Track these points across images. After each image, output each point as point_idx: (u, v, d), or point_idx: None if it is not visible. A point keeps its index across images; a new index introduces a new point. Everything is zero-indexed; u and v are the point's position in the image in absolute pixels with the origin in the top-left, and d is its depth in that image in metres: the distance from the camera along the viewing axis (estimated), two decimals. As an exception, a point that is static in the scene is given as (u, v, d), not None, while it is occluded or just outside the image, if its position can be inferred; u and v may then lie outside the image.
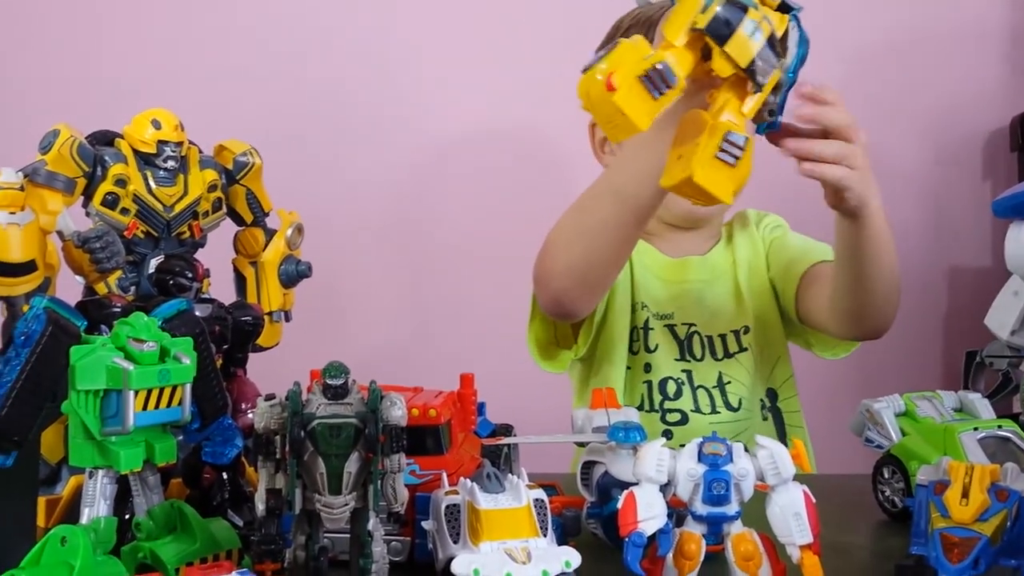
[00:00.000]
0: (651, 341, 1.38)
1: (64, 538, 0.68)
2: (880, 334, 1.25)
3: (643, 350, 1.38)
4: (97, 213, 1.05)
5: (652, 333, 1.38)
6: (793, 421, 1.42)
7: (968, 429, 0.98)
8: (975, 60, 2.00)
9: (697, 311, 1.40)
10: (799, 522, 0.77)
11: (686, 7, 0.76)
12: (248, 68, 1.89)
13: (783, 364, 1.43)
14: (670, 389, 1.37)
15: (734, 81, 0.77)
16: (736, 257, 1.43)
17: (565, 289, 1.19)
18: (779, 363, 1.43)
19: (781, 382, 1.43)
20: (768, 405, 1.41)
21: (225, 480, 0.92)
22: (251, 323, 1.00)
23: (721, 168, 0.75)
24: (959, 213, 2.01)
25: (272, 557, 0.73)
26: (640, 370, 1.38)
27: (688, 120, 0.78)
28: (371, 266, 1.96)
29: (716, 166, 0.75)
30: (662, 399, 1.37)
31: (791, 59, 0.81)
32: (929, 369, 1.99)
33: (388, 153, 1.94)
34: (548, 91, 1.79)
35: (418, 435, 0.87)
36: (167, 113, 1.07)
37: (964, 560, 0.74)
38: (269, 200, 1.17)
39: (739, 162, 0.75)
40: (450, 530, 0.77)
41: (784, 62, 0.79)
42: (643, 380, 1.38)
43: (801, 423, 1.43)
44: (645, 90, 0.72)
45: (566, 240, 1.17)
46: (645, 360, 1.38)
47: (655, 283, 1.40)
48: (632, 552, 0.75)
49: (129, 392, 0.71)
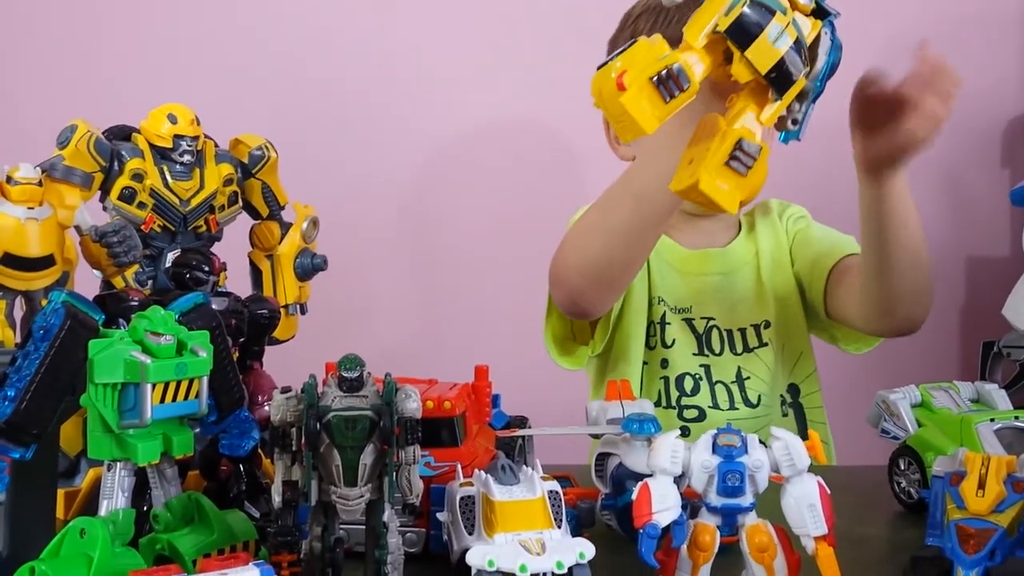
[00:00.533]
0: (668, 336, 1.37)
1: (83, 530, 0.69)
2: (912, 327, 1.22)
3: (660, 345, 1.37)
4: (114, 207, 1.06)
5: (669, 328, 1.37)
6: (815, 417, 1.40)
7: (985, 420, 0.97)
8: (995, 48, 1.98)
9: (716, 305, 1.38)
10: (814, 513, 0.77)
11: (711, 7, 0.74)
12: (249, 67, 1.89)
13: (806, 359, 1.41)
14: (687, 385, 1.36)
15: (755, 87, 0.75)
16: (759, 248, 1.41)
17: (581, 289, 1.19)
18: (801, 358, 1.41)
19: (803, 377, 1.41)
20: (789, 401, 1.39)
21: (242, 472, 0.93)
22: (267, 316, 1.01)
23: (730, 176, 0.73)
24: (977, 202, 1.99)
25: (289, 548, 0.73)
26: (657, 366, 1.37)
27: (705, 124, 0.76)
28: (385, 261, 1.96)
29: (725, 174, 0.73)
30: (679, 395, 1.36)
31: (821, 66, 0.78)
32: (946, 360, 1.98)
33: (401, 147, 1.95)
34: (552, 88, 1.80)
35: (433, 427, 0.88)
36: (183, 108, 1.08)
37: (980, 551, 0.73)
38: (285, 194, 1.18)
39: (751, 171, 0.73)
40: (465, 522, 0.77)
41: (812, 70, 0.76)
42: (660, 376, 1.36)
43: (823, 419, 1.41)
44: (656, 92, 0.70)
45: (584, 241, 1.16)
46: (662, 356, 1.37)
47: (673, 276, 1.38)
48: (646, 543, 0.75)
49: (147, 385, 0.72)
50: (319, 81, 1.92)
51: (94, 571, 0.66)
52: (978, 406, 1.03)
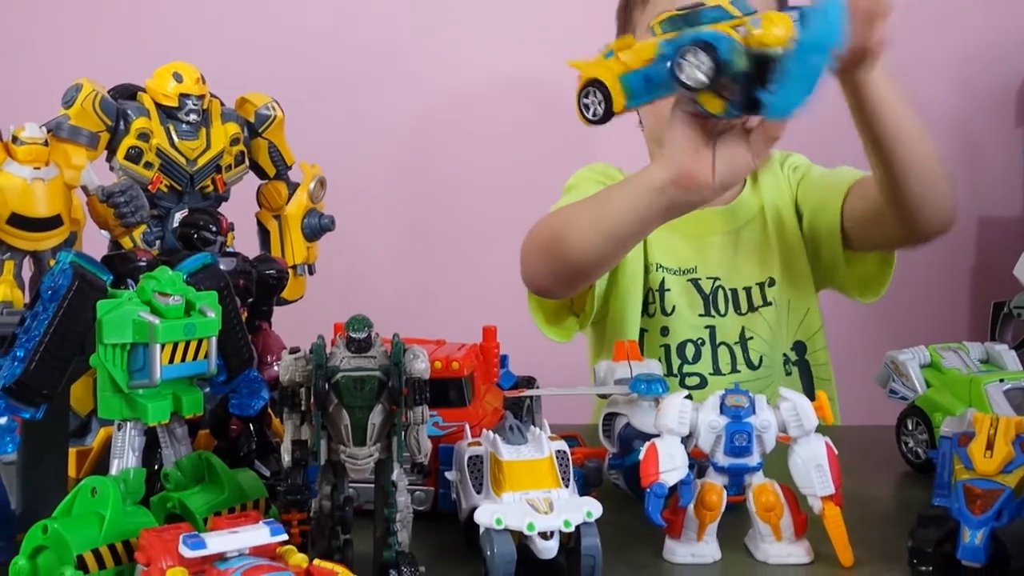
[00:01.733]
0: (668, 303, 1.36)
1: (94, 489, 0.69)
2: (945, 227, 1.17)
3: (659, 313, 1.36)
4: (121, 167, 1.05)
5: (669, 295, 1.36)
6: (821, 374, 1.40)
7: (994, 380, 0.97)
8: (1010, 4, 1.95)
9: (721, 264, 1.37)
10: (821, 474, 0.77)
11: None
12: (247, 28, 1.87)
13: (812, 315, 1.40)
14: (688, 352, 1.35)
15: None
16: (764, 201, 1.39)
17: (544, 288, 1.23)
18: (808, 315, 1.40)
19: (811, 334, 1.40)
20: (794, 359, 1.39)
21: (252, 431, 0.94)
22: (275, 276, 1.01)
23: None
24: (990, 162, 1.97)
25: (299, 507, 0.74)
26: (657, 333, 1.36)
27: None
28: (392, 222, 1.96)
29: None
30: (680, 363, 1.35)
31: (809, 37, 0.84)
32: (956, 320, 1.97)
33: (405, 104, 1.93)
34: (554, 44, 1.76)
35: (441, 387, 0.88)
36: (188, 66, 1.07)
37: (987, 511, 0.73)
38: (291, 154, 1.17)
39: None
40: (473, 481, 0.77)
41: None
42: (660, 344, 1.36)
43: (829, 375, 1.40)
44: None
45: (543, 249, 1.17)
46: (662, 324, 1.36)
47: (675, 238, 1.36)
48: (653, 503, 0.76)
49: (155, 346, 0.72)
50: (317, 43, 1.90)
51: (105, 529, 0.67)
52: (988, 367, 1.03)
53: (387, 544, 0.72)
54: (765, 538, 0.78)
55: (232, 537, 0.62)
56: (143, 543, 0.64)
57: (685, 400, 0.79)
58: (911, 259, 2.00)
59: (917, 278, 1.93)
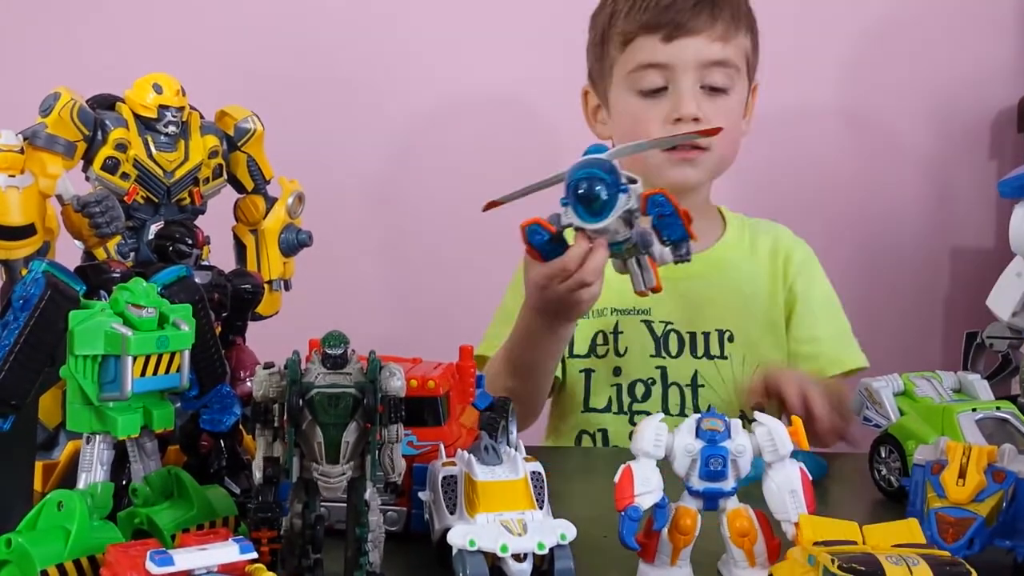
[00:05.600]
0: (621, 344, 1.37)
1: (61, 503, 0.68)
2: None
3: (612, 353, 1.37)
4: (97, 178, 1.04)
5: (622, 337, 1.37)
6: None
7: (966, 410, 0.98)
8: (983, 38, 1.98)
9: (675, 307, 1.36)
10: (795, 499, 0.77)
11: None
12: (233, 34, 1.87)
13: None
14: (639, 391, 1.36)
15: None
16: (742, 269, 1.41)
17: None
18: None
19: None
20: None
21: (223, 447, 0.92)
22: (250, 291, 1.00)
23: None
24: (963, 193, 1.99)
25: (269, 525, 0.73)
26: (609, 373, 1.37)
27: None
28: (369, 239, 1.95)
29: None
30: (631, 401, 1.36)
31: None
32: (929, 349, 1.99)
33: (379, 123, 1.92)
34: (530, 65, 1.79)
35: (416, 406, 0.87)
36: (168, 78, 1.06)
37: (959, 540, 0.74)
38: (270, 167, 1.16)
39: None
40: (447, 501, 0.77)
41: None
42: (611, 384, 1.37)
43: None
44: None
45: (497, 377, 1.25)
46: (615, 364, 1.37)
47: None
48: (627, 526, 0.75)
49: (127, 358, 0.71)
50: (293, 55, 1.89)
51: (71, 544, 0.66)
52: (960, 396, 1.04)
53: (358, 564, 0.71)
54: (739, 563, 0.78)
55: (200, 554, 0.61)
56: (109, 559, 0.63)
57: (661, 423, 0.79)
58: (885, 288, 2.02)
59: (891, 307, 1.95)
